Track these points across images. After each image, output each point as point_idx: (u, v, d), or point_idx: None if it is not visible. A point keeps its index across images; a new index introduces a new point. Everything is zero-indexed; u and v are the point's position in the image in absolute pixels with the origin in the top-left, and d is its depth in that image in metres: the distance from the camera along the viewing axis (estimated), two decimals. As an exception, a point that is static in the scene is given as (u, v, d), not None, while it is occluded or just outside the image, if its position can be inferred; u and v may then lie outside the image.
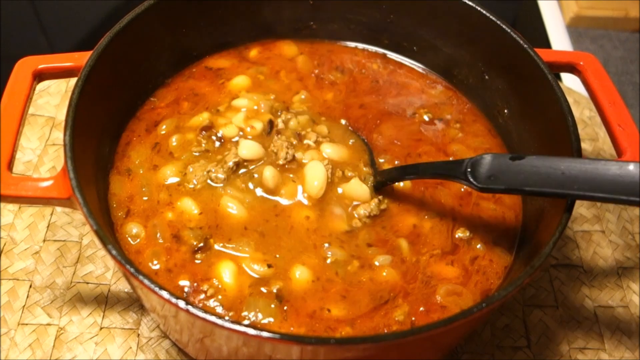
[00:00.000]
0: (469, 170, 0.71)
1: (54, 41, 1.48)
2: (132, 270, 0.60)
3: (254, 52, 1.02)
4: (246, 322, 0.71)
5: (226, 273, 0.75)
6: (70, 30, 1.47)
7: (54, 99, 1.10)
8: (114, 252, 0.62)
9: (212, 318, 0.58)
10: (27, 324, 0.85)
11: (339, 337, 0.59)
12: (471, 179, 0.70)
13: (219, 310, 0.72)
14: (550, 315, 0.90)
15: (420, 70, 1.02)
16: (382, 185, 0.83)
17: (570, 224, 1.01)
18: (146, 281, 0.59)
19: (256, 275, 0.75)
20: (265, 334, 0.57)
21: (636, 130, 0.76)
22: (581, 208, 1.03)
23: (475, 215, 0.84)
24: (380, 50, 1.04)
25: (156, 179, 0.83)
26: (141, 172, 0.84)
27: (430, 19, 0.96)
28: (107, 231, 0.70)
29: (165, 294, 0.59)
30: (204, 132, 0.87)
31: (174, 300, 0.59)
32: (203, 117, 0.89)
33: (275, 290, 0.74)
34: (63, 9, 1.51)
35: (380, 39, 1.03)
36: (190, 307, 0.58)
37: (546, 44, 1.37)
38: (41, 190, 0.68)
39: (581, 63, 0.85)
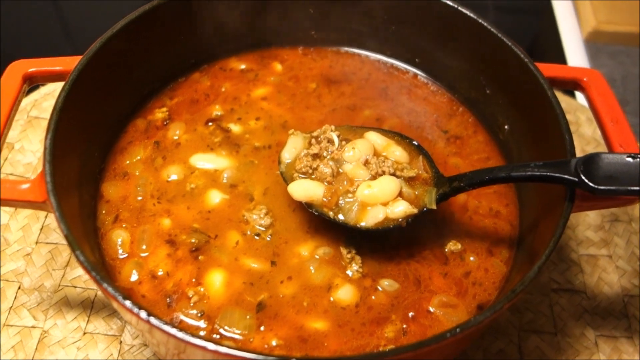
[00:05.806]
0: (581, 169, 0.64)
1: (79, 46, 1.49)
2: (97, 278, 0.59)
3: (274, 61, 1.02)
4: (222, 331, 0.70)
5: (215, 280, 0.75)
6: (94, 35, 1.48)
7: (58, 103, 1.11)
8: (81, 258, 0.61)
9: (182, 335, 0.56)
10: (12, 326, 0.85)
11: (318, 357, 0.57)
12: (585, 180, 0.64)
13: (199, 318, 0.72)
14: (547, 342, 0.86)
15: (423, 80, 0.99)
16: (457, 192, 0.74)
17: (576, 247, 0.96)
18: (110, 290, 0.58)
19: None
20: (250, 355, 0.55)
21: (637, 150, 0.72)
22: (588, 231, 0.98)
23: (468, 228, 0.82)
24: (384, 59, 1.02)
25: (158, 179, 0.84)
26: (137, 173, 0.85)
27: (431, 31, 0.93)
28: (85, 237, 0.69)
29: (128, 303, 0.58)
30: (210, 123, 0.89)
31: (135, 310, 0.57)
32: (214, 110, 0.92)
33: (259, 300, 0.73)
34: (87, 13, 1.53)
35: (382, 49, 1.01)
36: (153, 320, 0.57)
37: (563, 59, 1.33)
38: (18, 192, 0.67)
39: (585, 79, 0.81)
